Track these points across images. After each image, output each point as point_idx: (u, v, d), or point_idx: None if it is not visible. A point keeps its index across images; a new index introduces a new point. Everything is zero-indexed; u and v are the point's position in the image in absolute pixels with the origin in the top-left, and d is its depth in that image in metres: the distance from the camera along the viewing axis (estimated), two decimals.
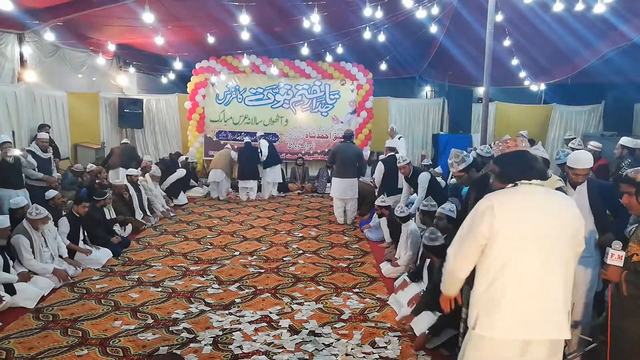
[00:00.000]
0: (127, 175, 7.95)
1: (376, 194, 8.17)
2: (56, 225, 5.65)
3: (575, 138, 7.92)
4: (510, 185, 2.22)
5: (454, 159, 3.96)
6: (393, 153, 7.08)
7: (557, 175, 3.73)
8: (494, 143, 6.69)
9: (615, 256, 2.55)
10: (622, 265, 2.54)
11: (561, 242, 2.10)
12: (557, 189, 3.42)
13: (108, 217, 6.76)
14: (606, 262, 2.58)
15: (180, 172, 9.66)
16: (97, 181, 7.72)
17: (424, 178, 6.08)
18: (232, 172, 10.21)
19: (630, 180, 2.65)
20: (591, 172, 3.71)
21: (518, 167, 2.21)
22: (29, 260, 4.93)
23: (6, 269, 4.59)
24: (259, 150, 9.88)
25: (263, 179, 10.11)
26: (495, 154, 2.48)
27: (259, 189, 10.25)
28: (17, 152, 6.21)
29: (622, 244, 2.57)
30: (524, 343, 2.08)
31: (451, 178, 8.31)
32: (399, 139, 9.13)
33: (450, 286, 2.38)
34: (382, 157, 7.81)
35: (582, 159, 3.51)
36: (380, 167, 7.03)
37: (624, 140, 6.32)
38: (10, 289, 4.45)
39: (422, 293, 4.15)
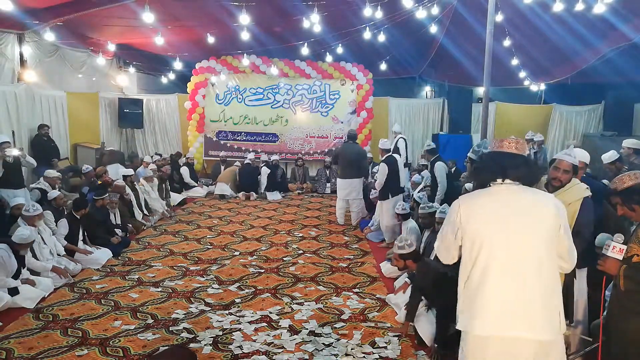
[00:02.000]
0: (122, 175, 7.94)
1: (373, 194, 8.19)
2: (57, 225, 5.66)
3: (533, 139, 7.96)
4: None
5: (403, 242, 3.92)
6: (390, 154, 7.00)
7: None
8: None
9: (617, 249, 2.50)
10: (621, 258, 2.50)
11: (534, 238, 2.08)
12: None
13: (114, 221, 6.77)
14: (605, 254, 2.53)
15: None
16: (98, 182, 7.71)
17: (440, 168, 6.24)
18: (236, 188, 10.42)
19: (613, 191, 2.68)
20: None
21: (489, 169, 2.21)
22: (28, 259, 4.93)
23: (16, 273, 4.61)
24: (259, 172, 10.46)
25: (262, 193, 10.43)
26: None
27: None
28: (15, 152, 6.19)
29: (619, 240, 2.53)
30: (502, 340, 2.06)
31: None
32: (397, 140, 8.97)
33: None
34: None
35: (576, 155, 3.49)
36: (383, 168, 6.78)
37: (632, 143, 6.30)
38: (12, 289, 4.45)
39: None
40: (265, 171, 10.50)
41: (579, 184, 3.19)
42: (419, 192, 6.44)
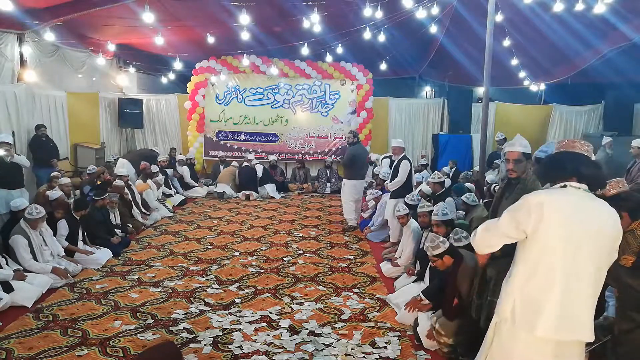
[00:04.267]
0: (117, 175, 7.93)
1: (374, 195, 8.16)
2: (56, 226, 5.66)
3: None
4: (558, 185, 2.23)
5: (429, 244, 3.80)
6: (404, 154, 6.87)
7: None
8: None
9: None
10: None
11: (598, 248, 2.12)
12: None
13: (113, 221, 6.77)
14: None
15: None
16: (98, 182, 7.71)
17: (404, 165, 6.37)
18: (236, 188, 10.49)
19: (600, 197, 2.65)
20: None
21: (563, 166, 2.21)
22: (28, 261, 4.93)
23: None
24: (256, 170, 10.62)
25: (260, 191, 10.47)
26: (554, 150, 2.43)
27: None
28: (0, 152, 6.12)
29: None
30: (556, 343, 2.12)
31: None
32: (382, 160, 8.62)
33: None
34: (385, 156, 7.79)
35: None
36: (406, 166, 6.45)
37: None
38: (7, 287, 4.45)
39: (418, 297, 4.03)
40: (259, 167, 10.65)
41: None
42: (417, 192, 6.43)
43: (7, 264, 4.76)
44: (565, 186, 2.20)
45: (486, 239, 2.31)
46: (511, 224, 2.20)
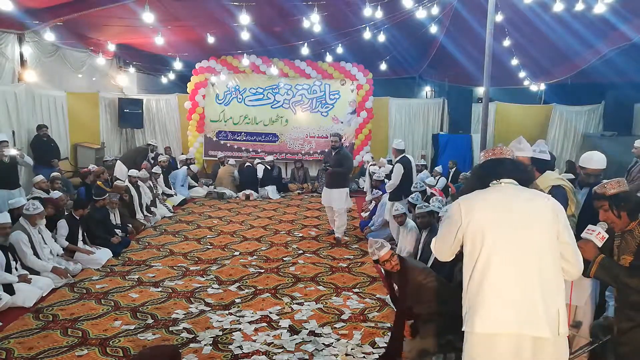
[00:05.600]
0: (128, 176, 7.96)
1: (374, 195, 8.13)
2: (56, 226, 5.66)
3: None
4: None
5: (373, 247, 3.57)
6: (404, 154, 6.82)
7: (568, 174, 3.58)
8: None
9: (600, 235, 2.55)
10: (600, 245, 2.54)
11: (533, 234, 2.08)
12: (554, 186, 3.41)
13: (113, 221, 6.77)
14: (586, 237, 2.56)
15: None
16: (98, 182, 7.71)
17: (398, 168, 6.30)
18: (236, 188, 10.51)
19: (600, 195, 2.65)
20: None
21: (486, 174, 2.29)
22: (29, 257, 4.94)
23: (8, 269, 4.59)
24: (256, 170, 10.67)
25: (261, 192, 10.49)
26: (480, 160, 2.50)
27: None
28: (13, 151, 6.18)
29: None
30: (502, 337, 2.03)
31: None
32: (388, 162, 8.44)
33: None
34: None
35: (594, 159, 3.48)
36: (399, 169, 6.42)
37: None
38: (9, 289, 4.45)
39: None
40: (260, 167, 10.67)
41: (546, 174, 3.18)
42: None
43: (15, 267, 4.75)
44: (488, 186, 2.26)
45: (441, 250, 2.35)
46: (448, 230, 2.24)
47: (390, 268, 3.49)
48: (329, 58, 11.42)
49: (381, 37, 9.34)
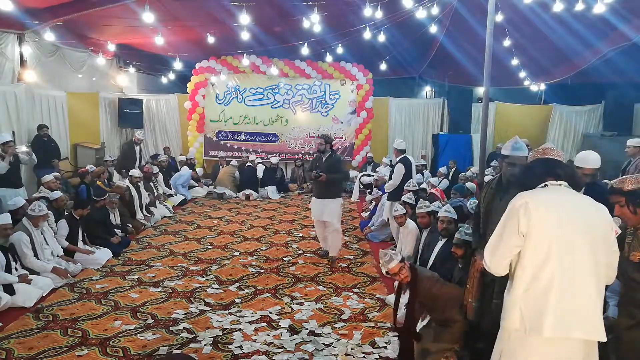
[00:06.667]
0: (129, 176, 7.96)
1: (375, 195, 8.13)
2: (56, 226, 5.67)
3: None
4: (539, 187, 2.22)
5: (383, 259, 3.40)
6: (405, 155, 6.71)
7: None
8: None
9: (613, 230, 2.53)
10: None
11: (591, 241, 2.09)
12: None
13: (113, 221, 6.77)
14: None
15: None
16: (97, 182, 7.71)
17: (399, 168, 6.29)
18: (236, 188, 10.52)
19: (618, 190, 2.64)
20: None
21: (538, 171, 2.25)
22: (29, 258, 4.94)
23: (8, 269, 4.60)
24: (257, 170, 10.70)
25: (261, 192, 10.52)
26: (530, 159, 2.46)
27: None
28: (24, 148, 6.18)
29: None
30: (567, 344, 2.07)
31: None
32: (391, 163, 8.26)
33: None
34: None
35: (591, 159, 3.48)
36: (400, 169, 6.32)
37: (637, 142, 6.36)
38: (9, 289, 4.45)
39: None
40: (261, 167, 10.72)
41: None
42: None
43: (15, 267, 4.76)
44: (545, 185, 2.21)
45: (497, 262, 2.23)
46: (510, 234, 2.15)
47: (401, 280, 3.42)
48: (329, 58, 11.42)
49: (381, 37, 9.33)
